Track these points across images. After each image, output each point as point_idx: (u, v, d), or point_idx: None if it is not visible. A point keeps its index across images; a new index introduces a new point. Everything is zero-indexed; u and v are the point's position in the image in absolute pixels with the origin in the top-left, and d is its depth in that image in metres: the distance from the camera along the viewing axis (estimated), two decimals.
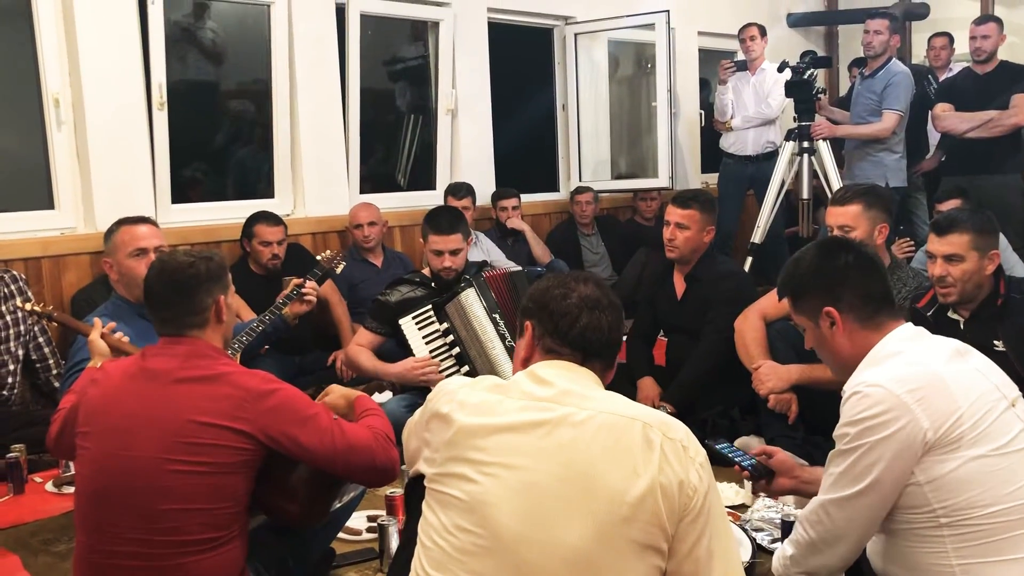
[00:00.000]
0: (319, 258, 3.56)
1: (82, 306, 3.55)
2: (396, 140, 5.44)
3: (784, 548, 1.86)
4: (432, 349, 3.24)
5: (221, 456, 1.79)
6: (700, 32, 6.64)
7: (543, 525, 1.39)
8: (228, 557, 1.83)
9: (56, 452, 2.18)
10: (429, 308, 3.26)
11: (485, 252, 4.81)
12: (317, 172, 4.68)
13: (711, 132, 6.27)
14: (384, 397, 3.48)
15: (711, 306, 3.34)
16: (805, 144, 4.95)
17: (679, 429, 1.47)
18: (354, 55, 4.80)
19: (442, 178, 5.33)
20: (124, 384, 1.89)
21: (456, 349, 3.24)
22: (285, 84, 4.54)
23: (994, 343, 2.56)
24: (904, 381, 1.67)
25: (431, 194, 5.24)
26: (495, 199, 5.29)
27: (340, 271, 3.68)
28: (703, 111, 6.65)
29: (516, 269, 3.66)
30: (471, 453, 1.46)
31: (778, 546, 2.00)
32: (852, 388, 1.73)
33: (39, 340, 3.58)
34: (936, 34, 6.03)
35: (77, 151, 3.89)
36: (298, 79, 4.55)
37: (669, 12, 5.68)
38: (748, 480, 2.19)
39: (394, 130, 5.44)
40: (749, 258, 5.17)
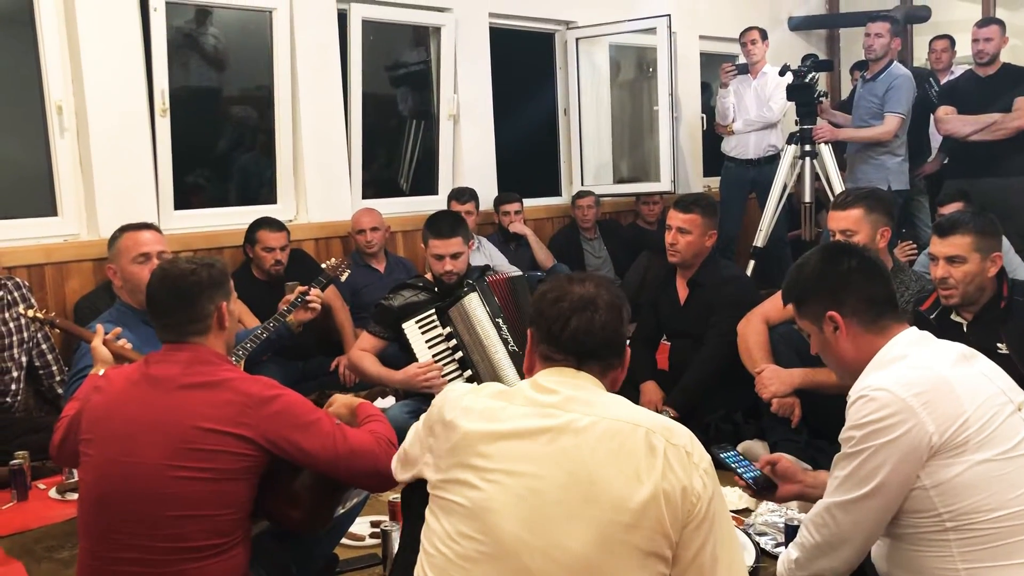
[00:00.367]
0: (324, 266, 3.56)
1: (85, 313, 3.55)
2: (398, 145, 5.45)
3: (789, 552, 1.86)
4: (435, 353, 3.24)
5: (224, 462, 1.79)
6: (701, 36, 6.65)
7: (546, 532, 1.39)
8: (231, 563, 1.83)
9: (59, 460, 2.18)
10: (432, 312, 3.27)
11: (488, 257, 4.81)
12: (320, 178, 4.68)
13: (713, 136, 6.27)
14: (387, 403, 3.48)
15: (714, 310, 3.33)
16: (807, 147, 4.95)
17: (683, 435, 1.46)
18: (356, 61, 4.81)
19: (444, 183, 5.33)
20: (127, 391, 1.89)
21: (459, 353, 3.24)
22: (287, 90, 4.55)
23: (997, 346, 2.56)
24: (910, 385, 1.67)
25: (433, 199, 5.24)
26: (497, 204, 5.30)
27: (344, 279, 3.68)
28: (705, 115, 6.65)
29: (517, 274, 3.66)
30: (475, 459, 1.46)
31: (782, 550, 2.00)
32: (858, 392, 1.72)
33: (42, 347, 3.58)
34: (937, 37, 6.03)
35: (80, 158, 3.90)
36: (300, 85, 4.56)
37: (670, 16, 5.69)
38: (748, 493, 2.18)
39: (396, 135, 5.44)
40: (752, 262, 5.17)
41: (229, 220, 4.39)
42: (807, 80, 4.90)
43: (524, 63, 6.02)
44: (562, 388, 1.50)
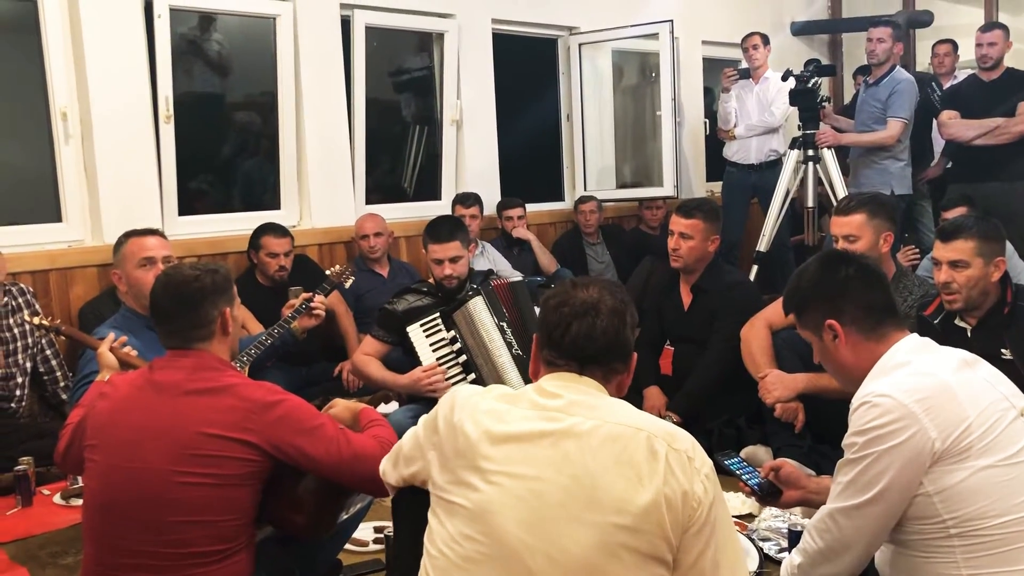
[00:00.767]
0: (328, 272, 3.57)
1: (90, 319, 3.56)
2: (402, 151, 5.46)
3: (792, 557, 1.85)
4: (439, 357, 3.25)
5: (228, 468, 1.80)
6: (704, 41, 6.65)
7: (547, 534, 1.39)
8: (235, 569, 1.84)
9: (64, 467, 2.18)
10: (437, 316, 3.27)
11: (491, 262, 4.82)
12: (323, 183, 4.69)
13: (715, 141, 6.27)
14: (390, 407, 3.48)
15: (718, 315, 3.33)
16: (810, 152, 4.94)
17: (685, 440, 1.46)
18: (359, 66, 4.83)
19: (448, 188, 5.34)
20: (132, 397, 1.90)
21: (463, 357, 3.24)
22: (291, 96, 4.56)
23: (1001, 351, 2.56)
24: (913, 391, 1.67)
25: (437, 204, 5.25)
26: (500, 209, 5.30)
27: (349, 286, 3.69)
28: (707, 120, 6.66)
29: (519, 279, 3.66)
30: (478, 461, 1.47)
31: (785, 556, 2.00)
32: (861, 398, 1.72)
33: (46, 353, 3.59)
34: (940, 41, 6.02)
35: (84, 164, 3.92)
36: (304, 91, 4.57)
37: (673, 22, 5.69)
38: (752, 498, 2.18)
39: (400, 141, 5.45)
40: (755, 267, 5.17)
41: (233, 226, 4.40)
42: (810, 85, 4.90)
43: (527, 69, 6.03)
44: (565, 392, 1.51)
